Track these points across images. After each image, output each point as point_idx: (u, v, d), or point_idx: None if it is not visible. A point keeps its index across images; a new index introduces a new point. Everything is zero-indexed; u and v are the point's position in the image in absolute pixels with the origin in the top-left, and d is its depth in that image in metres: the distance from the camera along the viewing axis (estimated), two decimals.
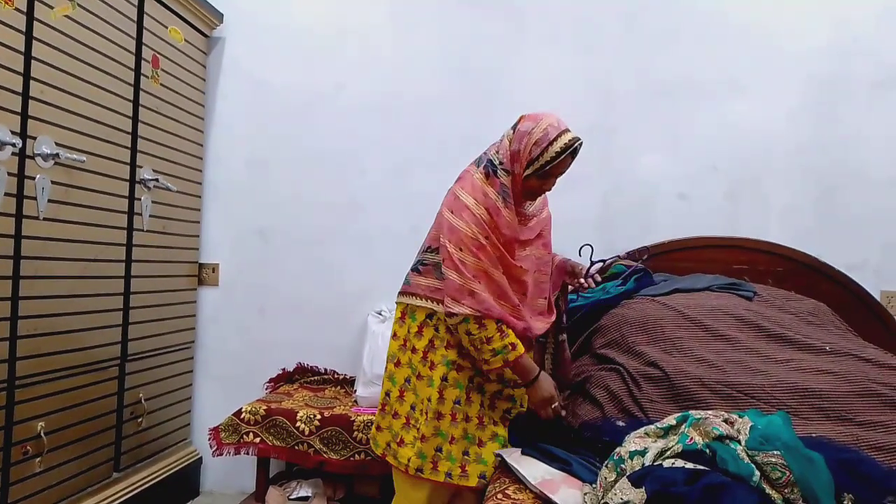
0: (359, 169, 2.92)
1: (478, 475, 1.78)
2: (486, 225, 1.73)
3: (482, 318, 1.72)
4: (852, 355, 1.95)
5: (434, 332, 1.84)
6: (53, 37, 1.97)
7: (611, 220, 2.80)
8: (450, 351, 1.81)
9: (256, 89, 2.97)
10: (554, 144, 1.71)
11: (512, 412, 1.89)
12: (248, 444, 2.43)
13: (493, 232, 1.74)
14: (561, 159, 1.72)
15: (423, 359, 1.84)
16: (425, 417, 1.80)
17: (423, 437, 1.79)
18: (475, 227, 1.72)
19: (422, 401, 1.83)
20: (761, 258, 2.66)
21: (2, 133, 1.79)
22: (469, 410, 1.81)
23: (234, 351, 2.97)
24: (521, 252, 1.81)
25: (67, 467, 2.10)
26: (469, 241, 1.72)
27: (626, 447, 1.35)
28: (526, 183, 1.77)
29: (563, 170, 1.77)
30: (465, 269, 1.71)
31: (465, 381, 1.81)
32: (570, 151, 1.72)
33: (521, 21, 2.86)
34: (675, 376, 1.87)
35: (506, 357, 1.74)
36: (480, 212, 1.73)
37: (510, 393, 1.89)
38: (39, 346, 1.97)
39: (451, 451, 1.79)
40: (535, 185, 1.78)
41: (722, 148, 2.78)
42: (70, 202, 2.07)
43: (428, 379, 1.83)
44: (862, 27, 2.72)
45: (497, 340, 1.73)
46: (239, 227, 2.98)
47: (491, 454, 1.80)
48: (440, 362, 1.81)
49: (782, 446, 1.20)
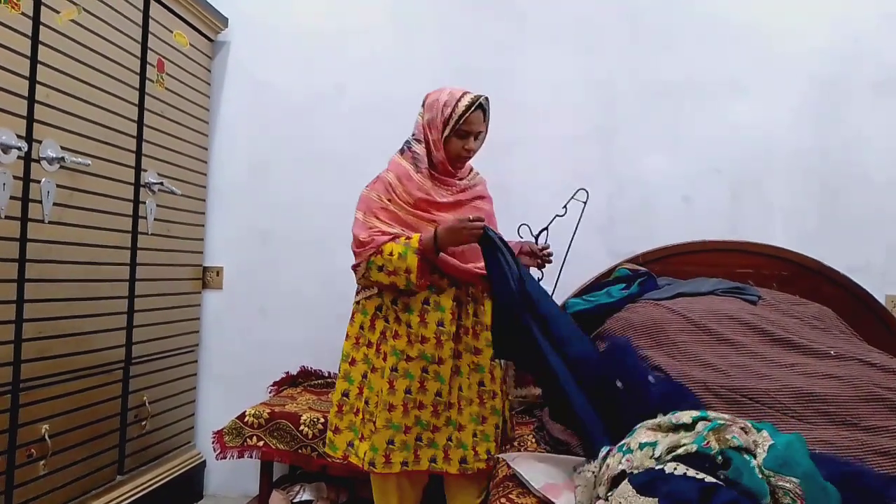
0: (362, 171, 2.89)
1: (429, 459, 1.84)
2: (392, 189, 1.88)
3: (378, 250, 1.81)
4: (857, 359, 1.94)
5: (385, 322, 1.90)
6: (59, 41, 1.98)
7: (614, 223, 2.80)
8: (398, 341, 1.85)
9: (260, 92, 2.98)
10: (461, 101, 1.87)
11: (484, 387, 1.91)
12: (252, 448, 2.43)
13: (402, 194, 1.87)
14: (472, 113, 1.86)
15: (376, 351, 1.90)
16: (378, 409, 1.84)
17: (375, 429, 1.83)
18: (381, 192, 1.89)
19: (376, 393, 1.87)
20: (765, 262, 2.65)
21: (7, 137, 1.79)
22: (424, 398, 1.84)
23: (238, 354, 2.97)
24: (437, 213, 1.88)
25: (72, 470, 2.11)
26: (373, 205, 1.88)
27: (636, 438, 1.33)
28: (447, 147, 1.90)
29: (477, 127, 1.90)
30: (368, 229, 1.85)
31: (417, 370, 1.84)
32: (478, 106, 1.87)
33: (523, 22, 2.86)
34: (679, 380, 1.86)
35: (413, 250, 1.79)
36: (389, 178, 1.90)
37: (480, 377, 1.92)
38: (44, 348, 1.98)
39: (407, 440, 1.82)
40: (457, 146, 1.89)
41: (724, 149, 2.77)
42: (75, 205, 2.07)
43: (381, 371, 1.87)
44: (863, 28, 2.71)
45: (398, 247, 1.80)
46: (243, 230, 2.99)
47: (444, 438, 1.85)
48: (390, 353, 1.86)
49: (801, 474, 1.18)
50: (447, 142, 1.89)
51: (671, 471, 1.17)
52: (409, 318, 1.86)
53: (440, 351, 1.85)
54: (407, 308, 1.87)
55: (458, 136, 1.88)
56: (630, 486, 1.18)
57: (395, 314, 1.88)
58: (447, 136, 1.88)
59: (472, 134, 1.90)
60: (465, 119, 1.86)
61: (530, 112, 2.82)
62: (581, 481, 1.42)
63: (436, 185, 1.91)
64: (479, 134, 1.93)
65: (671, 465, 1.18)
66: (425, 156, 1.91)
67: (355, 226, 1.89)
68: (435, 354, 1.85)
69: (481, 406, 1.90)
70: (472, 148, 1.92)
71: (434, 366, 1.85)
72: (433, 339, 1.85)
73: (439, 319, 1.86)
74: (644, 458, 1.26)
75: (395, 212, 1.87)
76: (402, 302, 1.88)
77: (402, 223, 1.87)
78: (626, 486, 1.19)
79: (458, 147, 1.90)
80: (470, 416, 1.88)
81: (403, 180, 1.89)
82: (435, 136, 1.89)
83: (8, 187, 1.81)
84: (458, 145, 1.89)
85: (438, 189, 1.91)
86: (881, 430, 1.65)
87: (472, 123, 1.88)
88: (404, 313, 1.87)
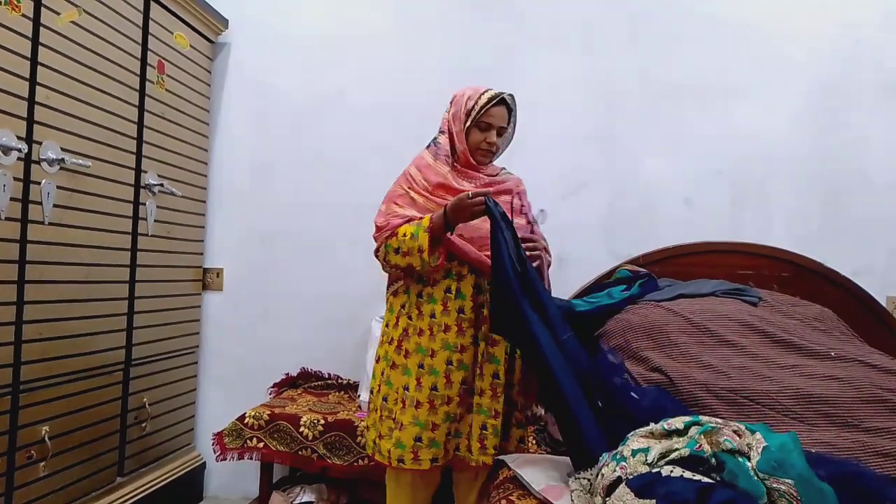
0: (362, 173, 2.92)
1: (454, 448, 1.85)
2: (412, 178, 1.93)
3: (393, 232, 1.85)
4: (858, 361, 1.94)
5: (408, 320, 1.90)
6: (59, 42, 1.98)
7: (615, 225, 2.80)
8: (422, 337, 1.86)
9: (261, 94, 2.98)
10: (484, 94, 1.92)
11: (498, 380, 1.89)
12: (252, 449, 2.43)
13: (421, 181, 1.92)
14: (493, 106, 1.90)
15: (397, 348, 1.90)
16: (400, 406, 1.84)
17: (401, 425, 1.83)
18: (402, 182, 1.95)
19: (396, 390, 1.87)
20: (766, 263, 2.64)
21: (8, 138, 1.80)
22: (450, 392, 1.84)
23: (238, 356, 2.97)
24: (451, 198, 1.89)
25: (71, 472, 2.11)
26: (394, 194, 1.94)
27: (628, 445, 1.33)
28: (470, 139, 1.93)
29: (498, 121, 1.92)
30: (385, 215, 1.91)
31: (442, 365, 1.84)
32: (501, 102, 1.91)
33: (524, 25, 2.87)
34: (679, 382, 1.85)
35: (424, 228, 1.80)
36: (410, 169, 1.96)
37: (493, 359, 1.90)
38: (44, 350, 1.98)
39: (436, 437, 1.82)
40: (478, 137, 1.92)
41: (726, 152, 2.77)
42: (75, 207, 2.08)
43: (403, 367, 1.87)
44: (866, 31, 2.71)
45: (410, 228, 1.83)
46: (243, 232, 2.99)
47: (467, 426, 1.86)
48: (414, 350, 1.86)
49: (796, 476, 1.17)
50: (469, 133, 1.93)
51: (668, 473, 1.17)
52: (432, 307, 1.87)
53: (462, 339, 1.86)
54: (431, 298, 1.88)
55: (479, 127, 1.92)
56: (627, 490, 1.18)
57: (419, 309, 1.88)
58: (468, 126, 1.92)
59: (494, 127, 1.93)
60: (487, 111, 1.90)
61: (531, 114, 2.81)
62: (576, 486, 1.42)
63: (457, 176, 1.94)
64: (502, 129, 1.95)
65: (667, 469, 1.19)
66: (447, 146, 1.94)
67: (376, 215, 1.94)
68: (458, 343, 1.85)
69: (493, 399, 1.88)
70: (494, 141, 1.94)
71: (457, 354, 1.85)
72: (455, 327, 1.85)
73: (460, 306, 1.87)
74: (637, 464, 1.26)
75: (413, 198, 1.91)
76: (427, 293, 1.88)
77: (419, 209, 1.90)
78: (623, 490, 1.19)
79: (478, 138, 1.93)
80: (483, 407, 1.87)
81: (423, 169, 1.94)
82: (457, 128, 1.93)
83: (8, 189, 1.81)
84: (479, 137, 1.93)
85: (459, 179, 1.93)
86: (882, 432, 1.64)
87: (493, 116, 1.91)
88: (428, 304, 1.87)
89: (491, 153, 1.97)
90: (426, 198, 1.90)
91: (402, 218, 1.88)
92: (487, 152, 1.96)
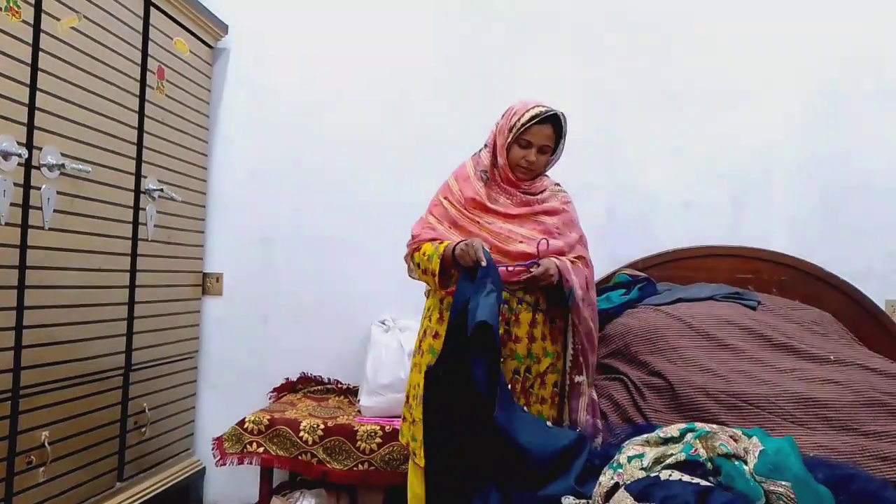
0: (361, 178, 2.92)
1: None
2: (449, 189, 1.94)
3: (419, 247, 1.88)
4: (857, 365, 1.95)
5: (428, 322, 1.94)
6: (59, 48, 1.98)
7: (614, 228, 2.79)
8: (436, 341, 1.87)
9: (260, 99, 2.99)
10: (529, 111, 1.85)
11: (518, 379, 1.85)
12: (252, 454, 2.43)
13: (457, 193, 1.92)
14: (535, 124, 1.84)
15: (418, 348, 1.95)
16: (416, 402, 1.88)
17: (415, 420, 1.88)
18: (441, 191, 1.97)
19: (412, 387, 1.93)
20: (765, 267, 2.65)
21: (8, 144, 1.80)
22: None
23: (238, 360, 2.97)
24: (485, 216, 1.89)
25: (71, 477, 2.10)
26: (432, 205, 1.96)
27: (625, 453, 1.34)
28: (510, 154, 1.89)
29: (538, 140, 1.86)
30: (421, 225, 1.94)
31: None
32: (545, 120, 1.84)
33: (522, 30, 2.87)
34: (678, 386, 1.86)
35: (438, 254, 1.80)
36: (450, 179, 1.97)
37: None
38: (44, 355, 1.98)
39: None
40: (517, 154, 1.88)
41: (725, 156, 2.78)
42: (75, 212, 2.08)
43: (417, 366, 1.92)
44: (865, 35, 2.72)
45: (430, 248, 1.84)
46: (242, 237, 2.99)
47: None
48: (427, 351, 1.90)
49: (793, 478, 1.18)
50: (510, 149, 1.89)
51: (666, 477, 1.17)
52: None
53: None
54: (450, 306, 1.84)
55: (519, 144, 1.87)
56: (626, 494, 1.18)
57: (440, 314, 1.90)
58: (510, 142, 1.88)
59: (535, 146, 1.87)
60: (527, 129, 1.84)
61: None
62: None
63: (492, 192, 1.91)
64: (546, 148, 1.89)
65: (665, 473, 1.19)
66: (487, 159, 1.93)
67: (416, 222, 1.97)
68: None
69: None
70: (533, 160, 1.88)
71: None
72: None
73: None
74: (633, 469, 1.26)
75: (446, 209, 1.92)
76: (448, 301, 1.87)
77: (449, 220, 1.90)
78: (622, 494, 1.19)
79: (518, 156, 1.88)
80: None
81: (460, 180, 1.94)
82: (500, 142, 1.90)
83: (8, 194, 1.81)
84: (518, 154, 1.88)
85: (495, 195, 1.91)
86: (881, 435, 1.65)
87: (533, 134, 1.85)
88: (448, 311, 1.85)
89: (531, 171, 1.92)
90: (458, 210, 1.90)
91: (432, 233, 1.89)
92: (527, 170, 1.91)
